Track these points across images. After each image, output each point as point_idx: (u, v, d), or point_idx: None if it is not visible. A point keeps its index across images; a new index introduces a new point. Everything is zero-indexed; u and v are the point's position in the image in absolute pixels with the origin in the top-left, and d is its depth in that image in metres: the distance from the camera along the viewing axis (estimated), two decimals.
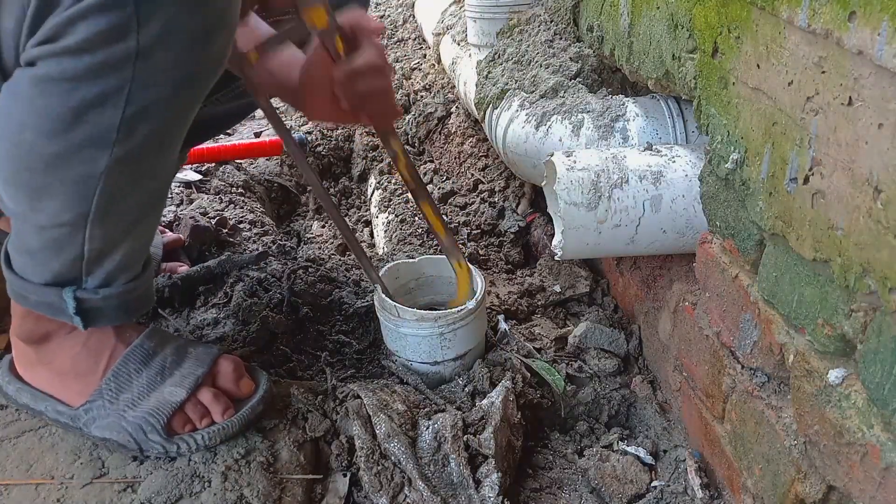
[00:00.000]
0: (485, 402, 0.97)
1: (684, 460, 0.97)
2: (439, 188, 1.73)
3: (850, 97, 0.57)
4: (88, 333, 0.87)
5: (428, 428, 0.91)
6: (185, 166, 1.71)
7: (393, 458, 0.89)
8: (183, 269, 1.28)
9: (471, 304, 1.01)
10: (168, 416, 0.85)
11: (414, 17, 2.52)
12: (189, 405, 0.87)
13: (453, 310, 1.00)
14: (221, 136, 2.01)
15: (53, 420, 0.89)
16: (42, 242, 0.77)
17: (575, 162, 0.95)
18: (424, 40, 2.39)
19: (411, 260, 1.16)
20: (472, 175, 1.78)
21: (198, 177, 1.71)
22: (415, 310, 1.00)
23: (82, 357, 0.88)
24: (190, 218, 1.41)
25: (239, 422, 0.88)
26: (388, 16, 2.80)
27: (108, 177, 0.71)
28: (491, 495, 0.87)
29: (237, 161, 1.89)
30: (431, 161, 1.95)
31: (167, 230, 1.39)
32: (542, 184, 1.05)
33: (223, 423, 0.87)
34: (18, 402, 0.91)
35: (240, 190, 1.75)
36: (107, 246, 0.78)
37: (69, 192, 0.72)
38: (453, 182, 1.79)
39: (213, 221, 1.47)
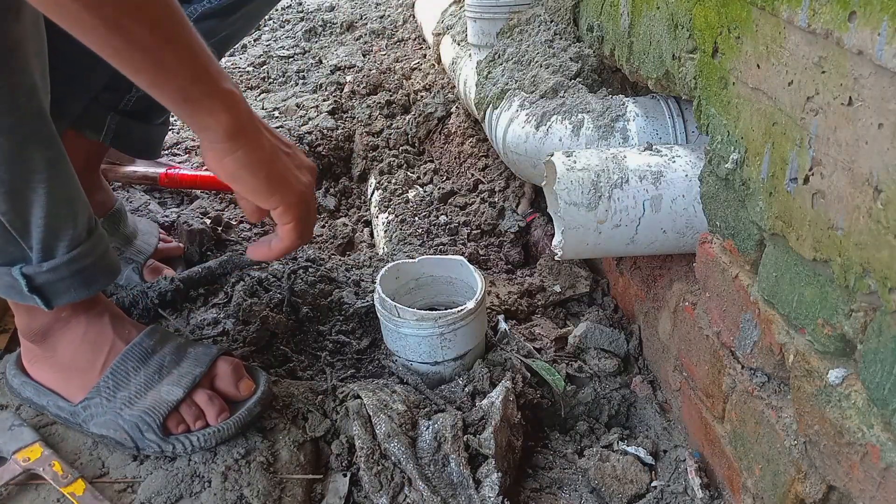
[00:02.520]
0: (485, 402, 0.97)
1: (684, 460, 0.98)
2: (439, 188, 1.73)
3: (850, 97, 0.57)
4: (85, 327, 0.88)
5: (428, 428, 0.91)
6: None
7: (393, 458, 0.89)
8: (169, 271, 1.28)
9: (471, 305, 1.01)
10: (164, 415, 0.85)
11: (414, 17, 2.53)
12: (184, 405, 0.87)
13: (453, 310, 1.01)
14: None
15: (55, 415, 0.90)
16: None
17: (575, 162, 0.95)
18: (424, 40, 2.39)
19: (411, 260, 1.15)
20: (472, 175, 1.78)
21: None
22: (415, 310, 1.01)
23: (81, 351, 0.89)
24: (184, 223, 1.41)
25: (234, 424, 0.88)
26: (388, 16, 2.80)
27: None
28: (491, 495, 0.87)
29: None
30: (431, 161, 1.95)
31: (169, 237, 1.39)
32: (542, 184, 1.05)
33: (218, 426, 0.87)
34: (22, 395, 0.91)
35: None
36: (15, 206, 0.77)
37: None
38: (453, 182, 1.78)
39: (209, 221, 1.47)
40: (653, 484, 0.97)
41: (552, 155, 0.98)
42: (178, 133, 1.94)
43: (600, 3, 1.23)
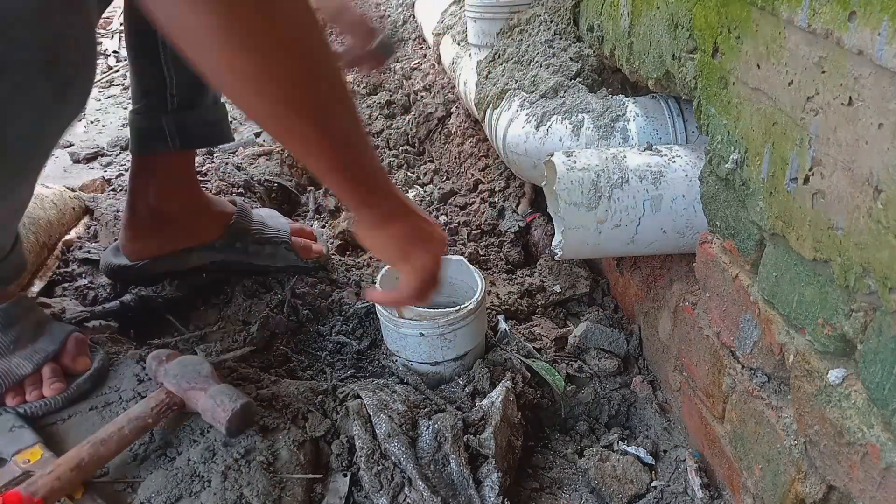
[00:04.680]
0: (485, 402, 0.97)
1: (684, 460, 0.97)
2: (439, 188, 1.73)
3: (850, 97, 0.57)
4: None
5: (428, 428, 0.91)
6: None
7: (393, 458, 0.89)
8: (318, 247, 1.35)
9: (471, 305, 1.01)
10: (7, 386, 0.91)
11: (414, 17, 2.52)
12: (29, 379, 0.93)
13: (452, 309, 1.01)
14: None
15: None
16: None
17: (575, 162, 0.95)
18: (424, 40, 2.39)
19: None
20: (472, 175, 1.78)
21: None
22: (415, 309, 1.01)
23: None
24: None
25: (63, 399, 0.93)
26: (389, 16, 2.80)
27: None
28: (491, 495, 0.87)
29: (237, 159, 1.89)
30: (431, 161, 1.95)
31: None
32: (542, 184, 1.05)
33: (47, 400, 0.93)
34: None
35: (240, 190, 1.75)
36: None
37: None
38: (453, 182, 1.78)
39: None
40: (653, 484, 0.97)
41: (552, 155, 0.98)
42: None
43: (600, 3, 1.23)
